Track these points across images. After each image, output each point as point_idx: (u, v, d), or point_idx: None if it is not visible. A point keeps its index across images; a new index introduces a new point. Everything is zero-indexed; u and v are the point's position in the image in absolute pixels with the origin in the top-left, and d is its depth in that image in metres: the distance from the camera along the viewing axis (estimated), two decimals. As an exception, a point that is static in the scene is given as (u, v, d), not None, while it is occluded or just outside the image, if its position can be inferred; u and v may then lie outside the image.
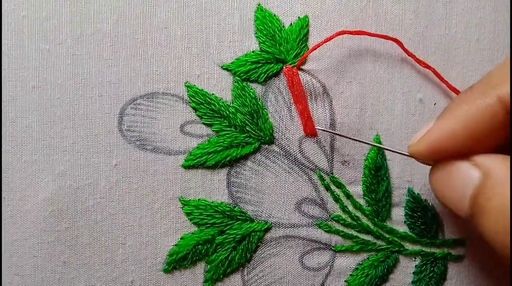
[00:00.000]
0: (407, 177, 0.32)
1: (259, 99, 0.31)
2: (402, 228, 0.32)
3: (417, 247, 0.32)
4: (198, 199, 0.31)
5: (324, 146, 0.32)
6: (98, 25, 0.30)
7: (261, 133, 0.31)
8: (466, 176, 0.24)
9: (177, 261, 0.30)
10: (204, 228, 0.31)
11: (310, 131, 0.31)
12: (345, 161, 0.32)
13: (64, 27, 0.30)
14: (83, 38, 0.30)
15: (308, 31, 0.31)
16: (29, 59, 0.30)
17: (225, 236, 0.31)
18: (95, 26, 0.30)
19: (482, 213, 0.23)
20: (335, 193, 0.32)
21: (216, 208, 0.31)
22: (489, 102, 0.24)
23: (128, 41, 0.30)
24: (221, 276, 0.31)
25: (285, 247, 0.31)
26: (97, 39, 0.30)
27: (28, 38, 0.30)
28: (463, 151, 0.25)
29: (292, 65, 0.31)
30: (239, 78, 0.31)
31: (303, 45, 0.31)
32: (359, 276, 0.31)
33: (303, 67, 0.31)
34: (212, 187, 0.31)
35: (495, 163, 0.23)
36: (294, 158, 0.31)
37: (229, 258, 0.31)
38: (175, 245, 0.30)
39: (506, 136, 0.24)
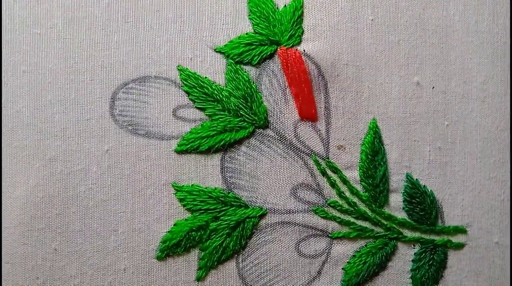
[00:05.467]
0: (405, 162, 0.32)
1: (253, 82, 0.31)
2: (401, 215, 0.31)
3: (416, 234, 0.31)
4: (192, 185, 0.30)
5: (319, 130, 0.31)
6: (89, 8, 0.30)
7: (256, 118, 0.30)
8: None
9: (171, 248, 0.30)
10: (197, 214, 0.30)
11: (306, 115, 0.30)
12: (341, 146, 0.31)
13: (55, 11, 0.30)
14: (74, 22, 0.30)
15: (302, 12, 0.31)
16: (20, 44, 0.30)
17: (219, 222, 0.30)
18: (87, 10, 0.30)
19: None
20: (331, 178, 0.31)
21: (210, 194, 0.30)
22: None
23: (119, 25, 0.30)
24: (216, 263, 0.30)
25: (280, 234, 0.31)
26: (88, 23, 0.30)
27: (19, 22, 0.30)
28: None
29: (286, 47, 0.31)
30: (232, 61, 0.30)
31: (298, 26, 0.31)
32: (357, 263, 0.31)
33: (297, 48, 0.31)
34: (206, 172, 0.30)
35: None
36: (289, 143, 0.31)
37: (224, 244, 0.30)
38: (168, 231, 0.30)
39: None
